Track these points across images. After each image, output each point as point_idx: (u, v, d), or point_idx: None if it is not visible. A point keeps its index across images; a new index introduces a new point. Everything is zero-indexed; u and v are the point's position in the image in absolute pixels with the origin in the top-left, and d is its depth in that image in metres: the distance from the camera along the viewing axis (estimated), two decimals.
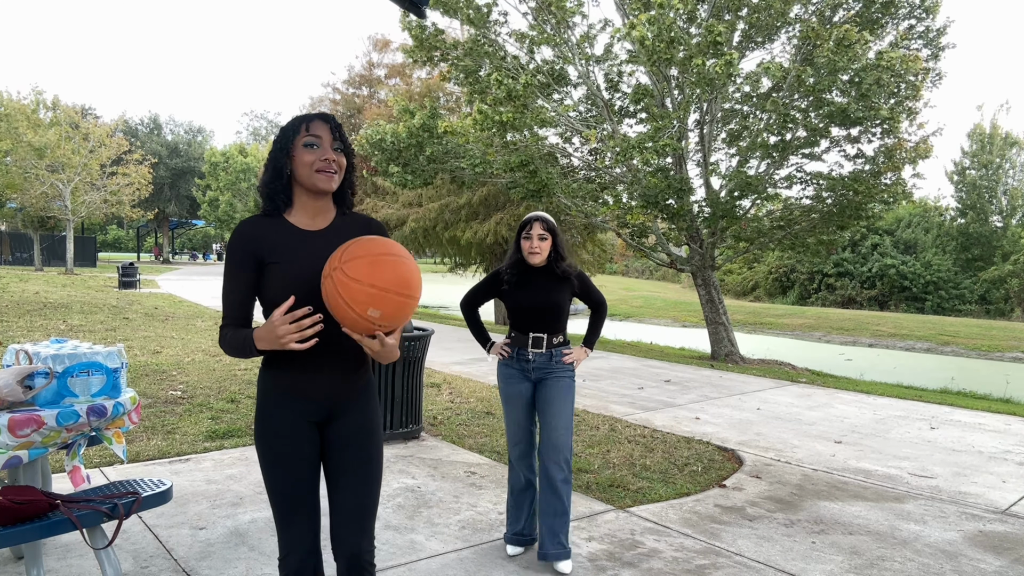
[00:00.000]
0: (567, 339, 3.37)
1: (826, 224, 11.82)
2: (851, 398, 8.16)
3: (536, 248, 3.18)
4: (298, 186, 1.95)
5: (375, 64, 25.70)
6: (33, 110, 28.33)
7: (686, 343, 16.70)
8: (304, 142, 1.89)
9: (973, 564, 3.46)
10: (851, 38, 9.42)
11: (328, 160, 1.89)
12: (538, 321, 3.27)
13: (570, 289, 3.30)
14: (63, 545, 3.22)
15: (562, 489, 3.18)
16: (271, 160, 1.93)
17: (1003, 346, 21.79)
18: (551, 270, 3.26)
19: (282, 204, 1.94)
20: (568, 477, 3.21)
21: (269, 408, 1.95)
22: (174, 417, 5.67)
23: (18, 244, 36.65)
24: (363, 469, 2.02)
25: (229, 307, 1.92)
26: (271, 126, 62.63)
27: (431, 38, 11.40)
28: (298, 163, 1.90)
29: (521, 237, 3.25)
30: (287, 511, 1.95)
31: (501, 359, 3.37)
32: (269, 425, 1.94)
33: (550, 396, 3.25)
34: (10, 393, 2.57)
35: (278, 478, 1.95)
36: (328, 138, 1.91)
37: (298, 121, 1.92)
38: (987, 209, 37.96)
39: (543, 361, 3.27)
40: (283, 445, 1.93)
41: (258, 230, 1.91)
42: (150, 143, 46.78)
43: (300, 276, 1.86)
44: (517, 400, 3.32)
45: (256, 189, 1.98)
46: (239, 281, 1.90)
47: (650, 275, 54.65)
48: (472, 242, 17.38)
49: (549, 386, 3.27)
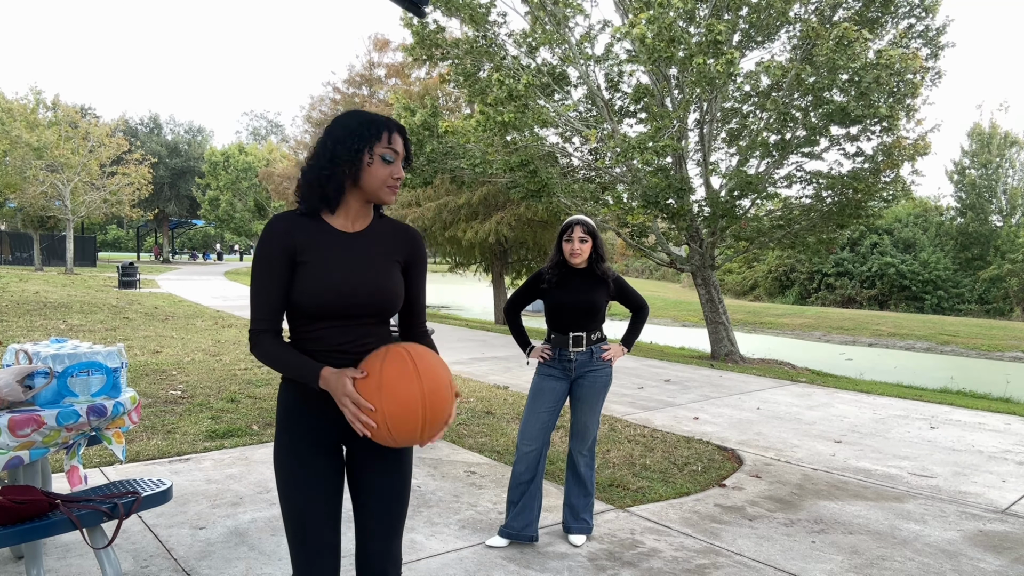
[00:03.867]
0: (605, 336, 3.51)
1: (826, 223, 11.83)
2: (851, 398, 8.16)
3: (578, 250, 3.33)
4: (354, 189, 1.81)
5: (375, 64, 25.70)
6: (32, 110, 28.32)
7: (686, 343, 16.70)
8: (383, 155, 1.77)
9: (973, 563, 3.46)
10: (851, 37, 9.42)
11: (399, 178, 1.80)
12: (578, 320, 3.39)
13: (607, 291, 3.42)
14: (63, 545, 3.22)
15: (586, 475, 3.50)
16: (329, 154, 1.76)
17: (1003, 346, 21.79)
18: (591, 271, 3.41)
19: (333, 203, 1.80)
20: (592, 462, 3.52)
21: (292, 423, 1.82)
22: (174, 417, 5.67)
23: (18, 244, 36.63)
24: (388, 499, 1.90)
25: (260, 308, 1.78)
26: (271, 126, 62.68)
27: (431, 36, 11.40)
28: (368, 172, 1.77)
29: (563, 240, 3.38)
30: (300, 545, 1.80)
31: (541, 361, 3.48)
32: (287, 450, 1.81)
33: (585, 393, 3.42)
34: (10, 393, 2.57)
35: (291, 511, 1.81)
36: (402, 153, 1.82)
37: (378, 127, 1.77)
38: (986, 208, 37.98)
39: (584, 359, 3.41)
40: (297, 474, 1.80)
41: (293, 227, 1.78)
42: (150, 143, 46.79)
43: (335, 279, 1.76)
44: (548, 395, 3.40)
45: (300, 180, 1.83)
46: (272, 281, 1.76)
47: (650, 275, 54.65)
48: (473, 242, 17.37)
49: (587, 381, 3.42)
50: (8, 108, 27.36)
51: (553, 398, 3.41)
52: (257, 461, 4.67)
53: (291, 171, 26.00)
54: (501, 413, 6.40)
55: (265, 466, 4.56)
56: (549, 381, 3.43)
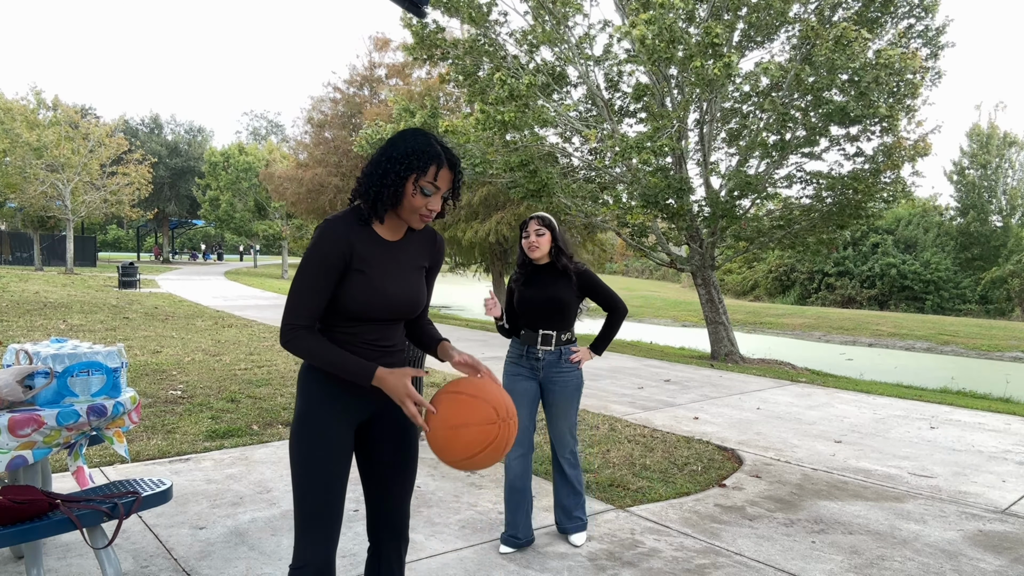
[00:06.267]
0: (575, 337, 3.44)
1: (826, 223, 11.83)
2: (851, 398, 8.16)
3: (535, 243, 3.27)
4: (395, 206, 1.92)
5: (376, 64, 25.69)
6: (33, 110, 28.32)
7: (686, 343, 16.70)
8: (424, 188, 1.84)
9: (973, 563, 3.46)
10: (850, 36, 9.42)
11: (433, 211, 1.88)
12: (545, 317, 3.32)
13: (572, 286, 3.32)
14: (63, 545, 3.22)
15: (572, 475, 3.44)
16: (384, 172, 1.84)
17: (1003, 346, 21.79)
18: (555, 266, 3.34)
19: (381, 215, 1.88)
20: (576, 463, 3.46)
21: (314, 407, 1.91)
22: (174, 417, 5.67)
23: (18, 244, 36.63)
24: (404, 469, 2.06)
25: (304, 306, 1.84)
26: (271, 126, 62.67)
27: (432, 35, 11.41)
28: (407, 197, 1.85)
29: (522, 237, 3.36)
30: (315, 517, 1.91)
31: (509, 357, 3.45)
32: (314, 426, 1.91)
33: (556, 398, 3.36)
34: (10, 393, 2.57)
35: (314, 482, 1.90)
36: (445, 188, 1.89)
37: (427, 160, 1.83)
38: (986, 209, 37.99)
39: (552, 359, 3.34)
40: (324, 447, 1.90)
41: (351, 234, 1.87)
42: (150, 143, 46.81)
43: (383, 286, 1.89)
44: (521, 397, 3.34)
45: (358, 184, 1.90)
46: (323, 282, 1.84)
47: (650, 275, 54.66)
48: (473, 242, 17.39)
49: (556, 386, 3.35)
50: (8, 108, 27.36)
51: (527, 400, 3.35)
52: (257, 461, 4.67)
53: (291, 172, 25.98)
54: None
55: (265, 466, 4.56)
56: (519, 382, 3.37)
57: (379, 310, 1.90)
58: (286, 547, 3.30)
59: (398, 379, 1.82)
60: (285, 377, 7.59)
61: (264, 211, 42.56)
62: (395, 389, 1.81)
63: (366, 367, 1.83)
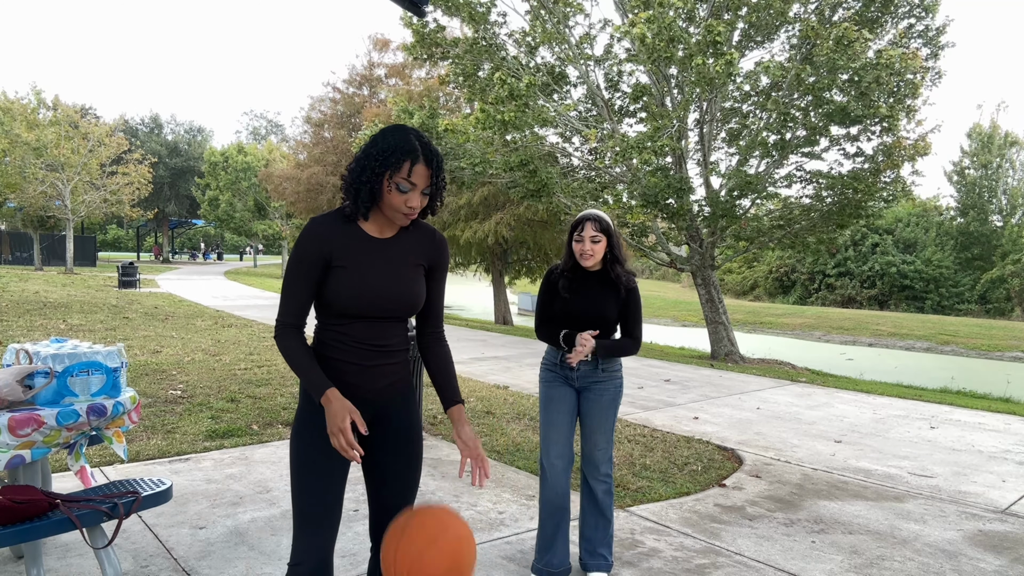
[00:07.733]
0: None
1: (826, 223, 11.83)
2: (851, 397, 8.16)
3: (589, 251, 2.91)
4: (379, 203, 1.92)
5: (375, 64, 25.69)
6: (32, 109, 28.32)
7: (686, 342, 16.71)
8: (399, 185, 1.82)
9: (973, 563, 3.46)
10: (850, 36, 9.42)
11: (413, 207, 1.86)
12: (591, 329, 2.96)
13: (620, 300, 3.00)
14: (63, 545, 3.22)
15: (603, 502, 3.08)
16: (361, 167, 1.85)
17: (1003, 346, 21.80)
18: (606, 275, 2.99)
19: (365, 211, 1.88)
20: (610, 489, 3.10)
21: (315, 407, 1.91)
22: (174, 416, 5.67)
23: (18, 243, 36.63)
24: (405, 472, 2.05)
25: (289, 304, 1.90)
26: (271, 126, 62.68)
27: (432, 35, 11.41)
28: (386, 196, 1.85)
29: (572, 239, 2.97)
30: (311, 516, 1.92)
31: (544, 365, 3.14)
32: (313, 426, 1.91)
33: (591, 406, 3.05)
34: (10, 393, 2.57)
35: (310, 482, 1.92)
36: (423, 184, 1.85)
37: (402, 155, 1.81)
38: (987, 208, 38.00)
39: (588, 370, 3.02)
40: (323, 447, 1.89)
41: (330, 232, 1.89)
42: (150, 142, 46.83)
43: (366, 283, 1.89)
44: (560, 403, 3.04)
45: (342, 180, 1.92)
46: (304, 281, 1.88)
47: (650, 274, 54.64)
48: (472, 242, 17.38)
49: (593, 393, 3.04)
50: (8, 108, 27.36)
51: (566, 406, 3.04)
52: (257, 461, 4.67)
53: (291, 171, 25.98)
54: (501, 413, 6.40)
55: (265, 466, 4.56)
56: (557, 388, 3.06)
57: (367, 306, 1.89)
58: (286, 547, 3.30)
59: (340, 409, 1.78)
60: (285, 377, 7.59)
61: (264, 211, 42.58)
62: (332, 416, 1.78)
63: (321, 384, 1.83)
